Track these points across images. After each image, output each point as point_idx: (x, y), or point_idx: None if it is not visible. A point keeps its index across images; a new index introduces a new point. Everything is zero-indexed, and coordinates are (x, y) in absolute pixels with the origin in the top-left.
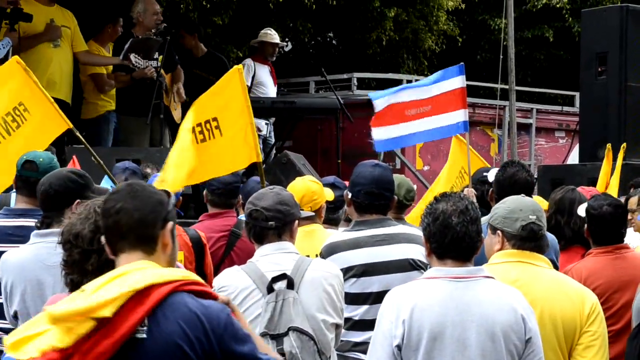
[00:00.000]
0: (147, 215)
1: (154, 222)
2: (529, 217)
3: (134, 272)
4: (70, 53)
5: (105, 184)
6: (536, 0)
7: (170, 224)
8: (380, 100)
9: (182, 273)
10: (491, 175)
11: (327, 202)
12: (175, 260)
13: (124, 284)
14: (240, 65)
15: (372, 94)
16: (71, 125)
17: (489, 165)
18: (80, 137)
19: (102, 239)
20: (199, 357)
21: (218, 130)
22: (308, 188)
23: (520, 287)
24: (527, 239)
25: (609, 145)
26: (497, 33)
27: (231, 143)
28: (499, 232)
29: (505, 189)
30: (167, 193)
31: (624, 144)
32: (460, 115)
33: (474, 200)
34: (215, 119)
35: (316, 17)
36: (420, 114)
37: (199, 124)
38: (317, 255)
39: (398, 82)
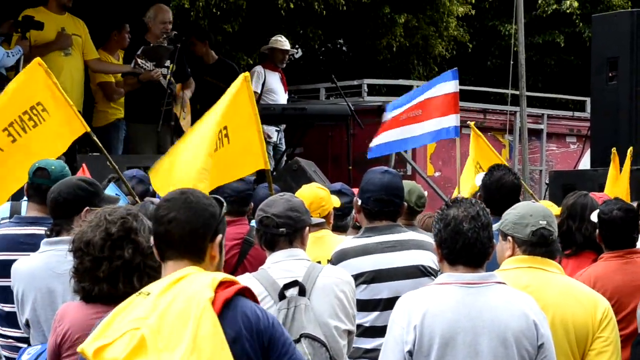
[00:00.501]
0: (199, 229)
1: (204, 235)
2: (539, 222)
3: (195, 275)
4: (81, 61)
5: (110, 191)
6: (546, 5)
7: (219, 237)
8: (392, 112)
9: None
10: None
11: (334, 208)
12: (221, 270)
13: (189, 290)
14: (247, 73)
15: (389, 106)
16: (89, 129)
17: (505, 162)
18: (97, 141)
19: (151, 240)
20: (255, 356)
21: (227, 139)
22: (316, 194)
23: (532, 292)
24: (537, 245)
25: (614, 150)
26: (507, 39)
27: (239, 151)
28: (509, 238)
29: (493, 192)
30: (220, 202)
31: (631, 148)
32: (451, 120)
33: None
34: (225, 128)
35: (326, 23)
36: (410, 118)
37: (217, 132)
38: (328, 261)
39: (408, 88)
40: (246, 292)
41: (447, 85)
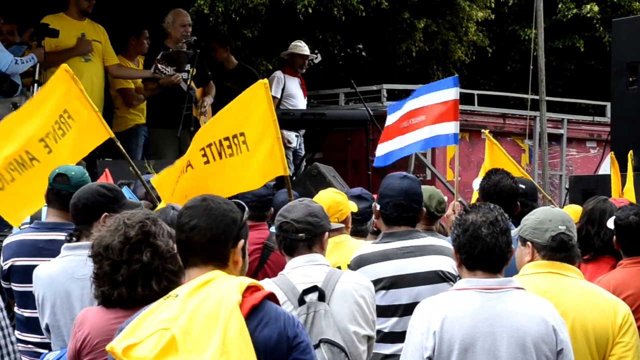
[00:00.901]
0: (220, 235)
1: (226, 242)
2: (558, 227)
3: (222, 278)
4: (101, 67)
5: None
6: (566, 10)
7: (241, 242)
8: (392, 116)
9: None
10: (476, 184)
11: (353, 213)
12: (245, 274)
13: (217, 293)
14: (265, 80)
15: (390, 107)
16: (113, 135)
17: (521, 170)
18: (121, 147)
19: (170, 243)
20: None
21: (245, 145)
22: (333, 199)
23: (551, 298)
24: (557, 250)
25: (611, 154)
26: (527, 43)
27: (258, 157)
28: (528, 243)
29: (491, 196)
30: (241, 207)
31: (631, 152)
32: (451, 127)
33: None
34: (242, 134)
35: (345, 28)
36: (413, 125)
37: (227, 138)
38: (347, 266)
39: None
40: (271, 298)
41: (448, 92)
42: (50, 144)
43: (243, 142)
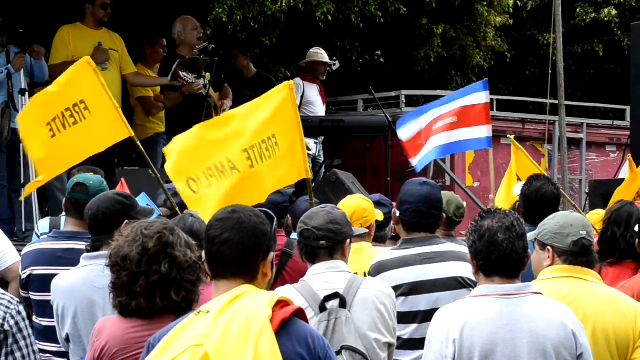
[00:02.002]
0: (251, 249)
1: (257, 255)
2: (579, 232)
3: (252, 293)
4: (118, 76)
5: (142, 202)
6: (585, 14)
7: (271, 255)
8: (404, 129)
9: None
10: (517, 190)
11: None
12: (270, 286)
13: (248, 307)
14: (291, 82)
15: (398, 123)
16: (132, 133)
17: (545, 174)
18: (140, 146)
19: (188, 253)
20: None
21: (277, 147)
22: (359, 205)
23: (572, 302)
24: (578, 254)
25: (629, 157)
26: (545, 48)
27: (282, 160)
28: (548, 247)
29: (533, 202)
30: (271, 218)
31: (629, 155)
32: (484, 131)
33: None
34: (274, 136)
35: (364, 35)
36: (446, 125)
37: (264, 140)
38: (366, 274)
39: None
40: (299, 313)
41: (479, 96)
42: (55, 128)
43: (276, 144)
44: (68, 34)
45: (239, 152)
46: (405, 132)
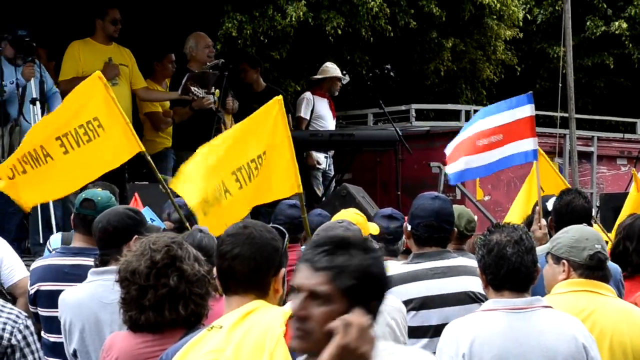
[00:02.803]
0: (262, 264)
1: (268, 271)
2: (594, 246)
3: (264, 309)
4: (128, 91)
5: (145, 214)
6: (595, 27)
7: (282, 272)
8: (450, 145)
9: None
10: (550, 204)
11: (385, 234)
12: (282, 301)
13: (261, 323)
14: (280, 97)
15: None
16: (143, 148)
17: (569, 185)
18: (150, 161)
19: (196, 266)
20: None
21: (266, 161)
22: (352, 219)
23: (589, 316)
24: (594, 268)
25: (633, 171)
26: (555, 61)
27: (273, 174)
28: (564, 261)
29: (564, 217)
30: (282, 234)
31: (633, 170)
32: (529, 144)
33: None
34: (264, 153)
35: (374, 49)
36: (492, 143)
37: (253, 160)
38: None
39: (456, 113)
40: None
41: (524, 109)
42: (67, 145)
43: (265, 159)
44: (78, 49)
45: (229, 175)
46: (449, 147)
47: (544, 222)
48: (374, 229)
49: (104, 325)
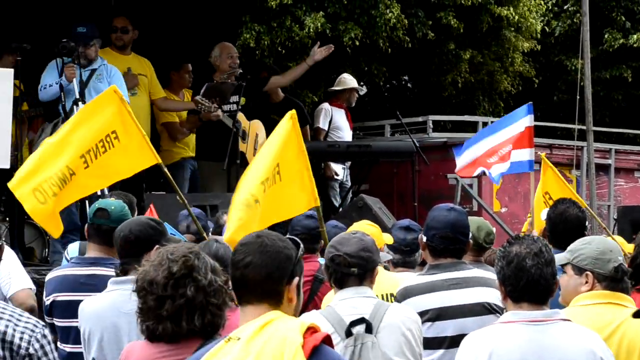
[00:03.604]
0: (274, 272)
1: (280, 279)
2: (618, 258)
3: (281, 320)
4: (147, 101)
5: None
6: (613, 40)
7: (296, 280)
8: (460, 159)
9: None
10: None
11: (402, 245)
12: (299, 312)
13: (279, 334)
14: (294, 112)
15: (456, 151)
16: (159, 160)
17: (574, 192)
18: (167, 172)
19: (210, 276)
20: None
21: (279, 176)
22: (366, 231)
23: (617, 329)
24: (619, 280)
25: None
26: (573, 74)
27: (290, 189)
28: (588, 273)
29: (557, 226)
30: (297, 244)
31: None
32: (526, 154)
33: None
34: (278, 165)
35: (391, 60)
36: (503, 155)
37: (274, 168)
38: (384, 296)
39: (474, 125)
40: (326, 340)
41: (524, 120)
42: (89, 159)
43: (277, 172)
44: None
45: (259, 184)
46: (460, 162)
47: (535, 233)
48: (388, 239)
49: (122, 334)
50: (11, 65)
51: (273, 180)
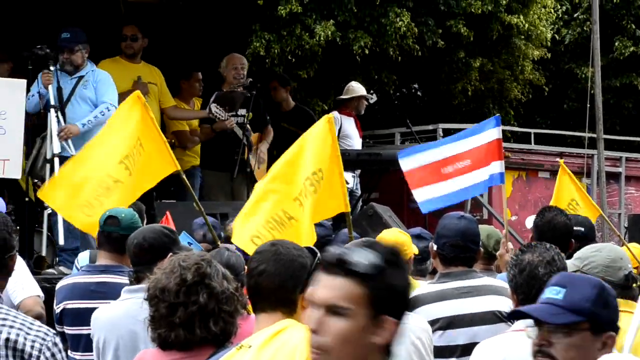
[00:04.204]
0: (288, 281)
1: (294, 287)
2: (627, 266)
3: (293, 328)
4: (157, 109)
5: (183, 239)
6: (623, 48)
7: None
8: (408, 159)
9: None
10: (529, 222)
11: (414, 253)
12: None
13: (291, 343)
14: (331, 115)
15: (400, 153)
16: (179, 167)
17: (592, 202)
18: (185, 179)
19: (224, 284)
20: None
21: (322, 182)
22: (397, 239)
23: (631, 337)
24: (629, 288)
25: None
26: (583, 82)
27: (324, 194)
28: None
29: (545, 234)
30: (313, 253)
31: None
32: (496, 167)
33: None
34: (320, 170)
35: (401, 68)
36: (459, 169)
37: (308, 177)
38: None
39: None
40: None
41: (491, 132)
42: (130, 166)
43: (321, 178)
44: (107, 68)
45: (291, 201)
46: (407, 163)
47: (510, 245)
48: (415, 249)
49: (139, 341)
50: (7, 73)
51: (319, 186)
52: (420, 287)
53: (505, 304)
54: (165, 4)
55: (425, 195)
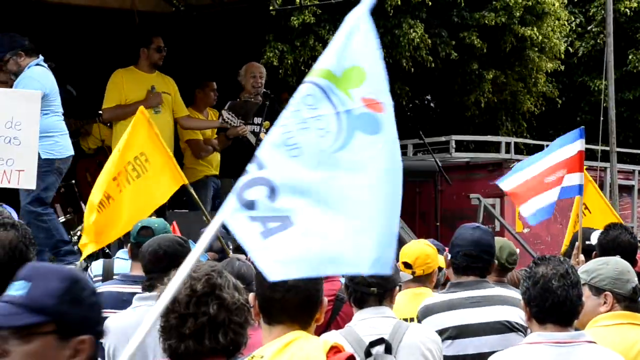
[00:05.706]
0: (312, 296)
1: (316, 303)
2: (634, 278)
3: (304, 339)
4: (171, 119)
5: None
6: (637, 61)
7: (325, 301)
8: (507, 181)
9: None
10: (594, 238)
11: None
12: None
13: (302, 353)
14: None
15: (499, 180)
16: (186, 181)
17: (610, 208)
18: (193, 193)
19: (235, 295)
20: None
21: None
22: (423, 251)
23: None
24: (636, 301)
25: None
26: (597, 94)
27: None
28: (607, 293)
29: (609, 252)
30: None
31: None
32: (576, 178)
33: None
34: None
35: (414, 80)
36: (560, 178)
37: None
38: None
39: (497, 145)
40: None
41: (576, 144)
42: (121, 183)
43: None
44: (122, 77)
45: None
46: (508, 184)
47: (582, 257)
48: (442, 261)
49: (148, 350)
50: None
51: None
52: (430, 297)
53: (516, 314)
54: (180, 14)
55: (532, 208)
